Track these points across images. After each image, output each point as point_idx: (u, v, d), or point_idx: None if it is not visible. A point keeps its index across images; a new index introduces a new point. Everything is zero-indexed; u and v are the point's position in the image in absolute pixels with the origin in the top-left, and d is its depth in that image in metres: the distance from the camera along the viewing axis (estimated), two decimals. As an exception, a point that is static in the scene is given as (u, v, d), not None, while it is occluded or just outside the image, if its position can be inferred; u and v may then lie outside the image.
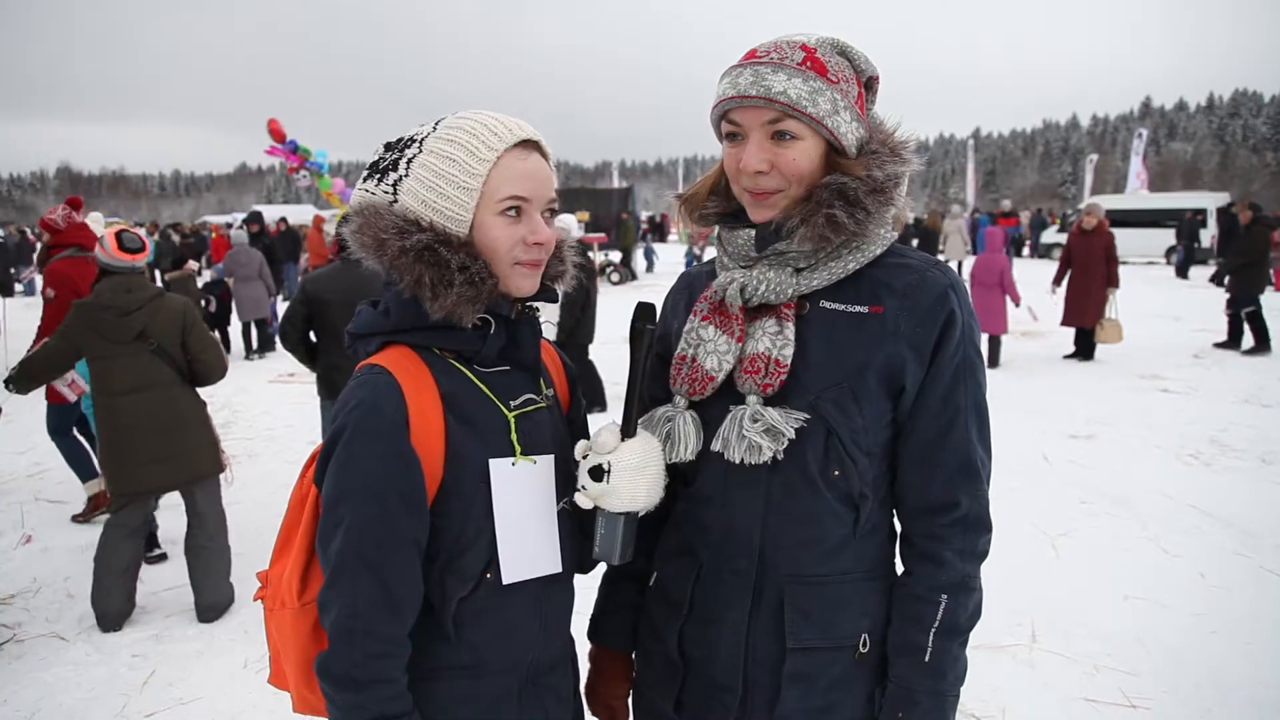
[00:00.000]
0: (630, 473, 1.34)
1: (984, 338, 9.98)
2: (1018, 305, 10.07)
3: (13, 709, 3.47)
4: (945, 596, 1.36)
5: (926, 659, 1.35)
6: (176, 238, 23.08)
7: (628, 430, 1.38)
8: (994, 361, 10.11)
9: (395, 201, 1.28)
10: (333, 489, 1.24)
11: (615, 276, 22.20)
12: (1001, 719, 3.30)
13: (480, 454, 1.30)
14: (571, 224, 7.21)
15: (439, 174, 1.26)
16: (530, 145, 1.32)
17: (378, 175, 1.32)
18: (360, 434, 1.22)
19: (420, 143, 1.30)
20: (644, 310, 1.41)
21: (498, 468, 1.31)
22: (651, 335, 1.40)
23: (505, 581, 1.32)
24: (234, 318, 11.96)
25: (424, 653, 1.30)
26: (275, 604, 1.36)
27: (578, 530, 1.46)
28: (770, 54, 1.32)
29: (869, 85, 1.40)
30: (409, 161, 1.29)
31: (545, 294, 1.41)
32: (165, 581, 4.65)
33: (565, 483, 1.42)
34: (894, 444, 1.39)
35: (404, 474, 1.23)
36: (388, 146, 1.34)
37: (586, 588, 1.64)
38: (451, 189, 1.26)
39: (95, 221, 6.29)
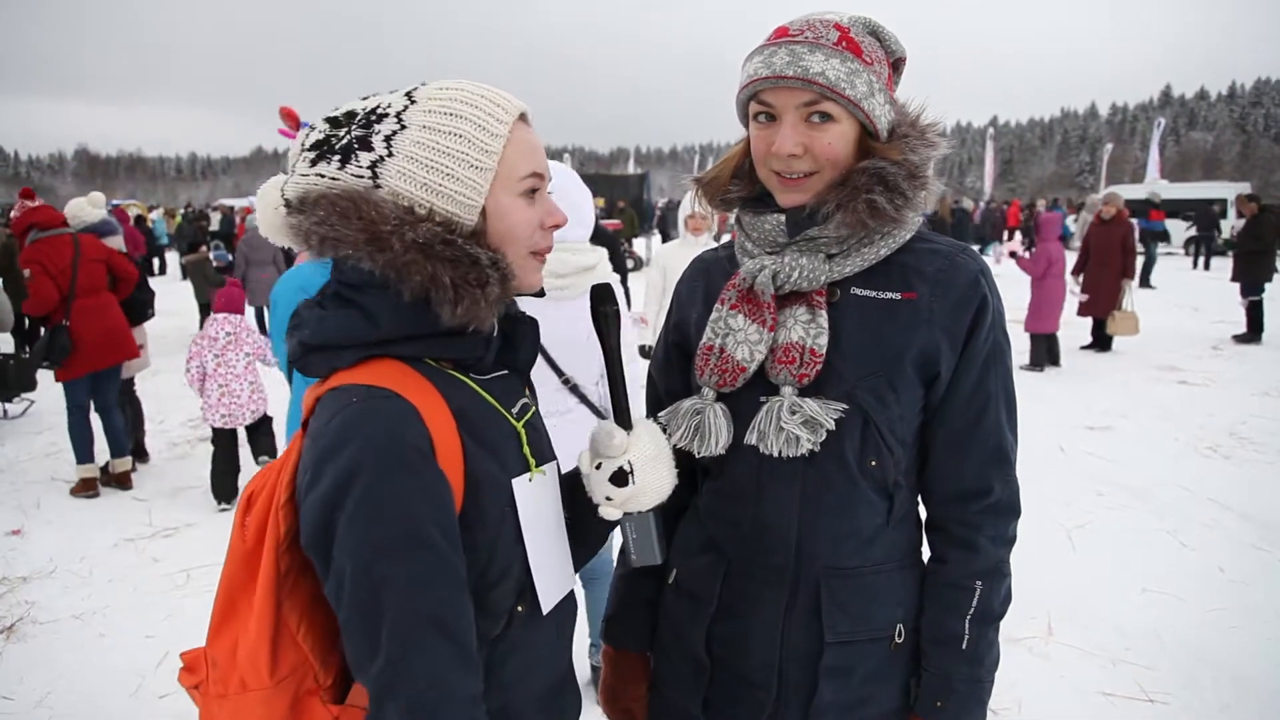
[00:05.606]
0: (651, 464, 1.26)
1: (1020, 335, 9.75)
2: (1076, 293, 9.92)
3: (29, 688, 3.50)
4: (980, 583, 1.34)
5: (964, 646, 1.33)
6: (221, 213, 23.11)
7: (624, 422, 1.28)
8: (1054, 359, 9.72)
9: (376, 188, 1.06)
10: (361, 546, 0.98)
11: (630, 263, 22.23)
12: (1018, 711, 3.28)
13: (500, 476, 1.12)
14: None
15: (443, 151, 1.06)
16: (525, 118, 1.16)
17: (336, 156, 1.08)
18: (386, 473, 0.99)
19: (398, 117, 1.08)
20: (603, 293, 1.30)
21: (520, 488, 1.14)
22: (617, 318, 1.31)
23: (545, 610, 1.17)
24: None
25: None
26: (230, 689, 1.11)
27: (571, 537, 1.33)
28: (804, 32, 1.27)
29: (895, 67, 1.36)
30: (387, 139, 1.07)
31: None
32: (176, 564, 4.69)
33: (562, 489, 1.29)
34: (923, 431, 1.37)
35: (445, 507, 1.03)
36: (334, 123, 1.11)
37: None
38: (461, 168, 1.07)
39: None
